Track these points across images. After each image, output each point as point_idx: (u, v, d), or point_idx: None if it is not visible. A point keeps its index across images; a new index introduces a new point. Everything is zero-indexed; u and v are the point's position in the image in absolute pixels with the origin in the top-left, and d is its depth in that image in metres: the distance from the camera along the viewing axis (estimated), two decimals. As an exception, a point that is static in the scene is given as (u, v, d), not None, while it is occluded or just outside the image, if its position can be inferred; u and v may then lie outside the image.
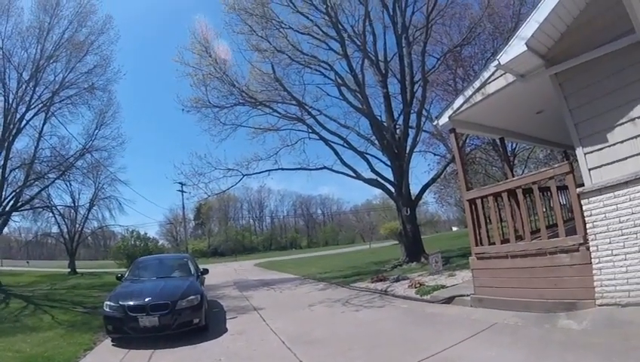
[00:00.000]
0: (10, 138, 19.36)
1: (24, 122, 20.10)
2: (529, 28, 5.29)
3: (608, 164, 5.02)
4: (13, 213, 22.59)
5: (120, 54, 35.92)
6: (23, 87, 19.39)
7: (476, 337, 5.11)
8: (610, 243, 4.91)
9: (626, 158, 4.83)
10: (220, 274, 23.01)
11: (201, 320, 7.28)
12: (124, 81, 27.32)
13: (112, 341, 7.02)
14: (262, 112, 17.82)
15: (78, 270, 30.89)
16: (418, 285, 9.24)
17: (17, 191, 21.02)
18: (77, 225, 33.63)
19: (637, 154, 4.74)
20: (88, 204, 33.44)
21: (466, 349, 4.71)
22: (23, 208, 23.09)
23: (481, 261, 6.95)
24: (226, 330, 7.51)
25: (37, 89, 19.86)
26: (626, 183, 4.75)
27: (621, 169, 4.87)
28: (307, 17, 15.93)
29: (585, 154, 5.28)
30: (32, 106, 20.04)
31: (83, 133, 24.78)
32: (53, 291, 15.98)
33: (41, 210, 28.95)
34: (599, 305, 5.00)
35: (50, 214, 31.59)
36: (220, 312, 9.54)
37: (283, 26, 16.01)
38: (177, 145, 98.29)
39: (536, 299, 5.77)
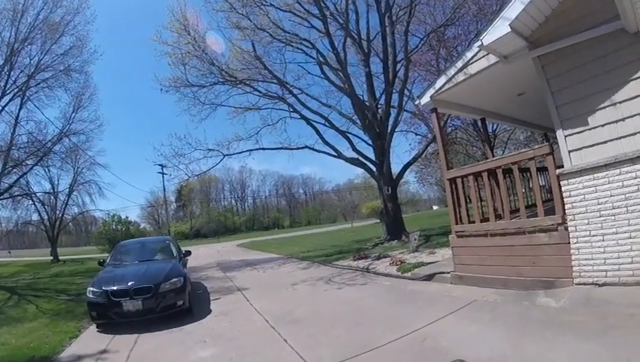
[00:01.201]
0: (-14, 125, 18.66)
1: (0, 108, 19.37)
2: (514, 9, 5.28)
3: (588, 146, 5.11)
4: (-7, 203, 22.03)
5: (96, 34, 34.55)
6: (-2, 71, 18.56)
7: (456, 314, 5.25)
8: (588, 223, 5.06)
9: (606, 142, 4.94)
10: (202, 255, 22.94)
11: (185, 302, 7.27)
12: (101, 61, 26.43)
13: (97, 327, 6.97)
14: (242, 91, 17.64)
15: (60, 257, 30.27)
16: (399, 263, 9.40)
17: (-5, 179, 20.39)
18: (57, 212, 32.77)
19: (617, 138, 4.85)
20: (68, 190, 32.71)
21: (447, 325, 4.83)
22: (2, 197, 22.57)
23: (461, 239, 7.08)
24: (210, 311, 7.53)
25: (12, 73, 19.10)
26: (606, 166, 4.86)
27: (601, 152, 4.97)
28: (289, -7, 15.55)
29: (565, 136, 5.37)
30: (8, 91, 19.27)
31: (60, 117, 24.26)
32: (36, 280, 15.71)
33: (20, 197, 28.37)
34: (577, 284, 5.17)
35: (30, 202, 30.94)
36: (204, 293, 9.55)
37: (264, 3, 15.60)
38: (157, 127, 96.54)
39: (515, 277, 5.92)
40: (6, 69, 18.71)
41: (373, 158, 16.64)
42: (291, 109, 17.08)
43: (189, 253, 10.21)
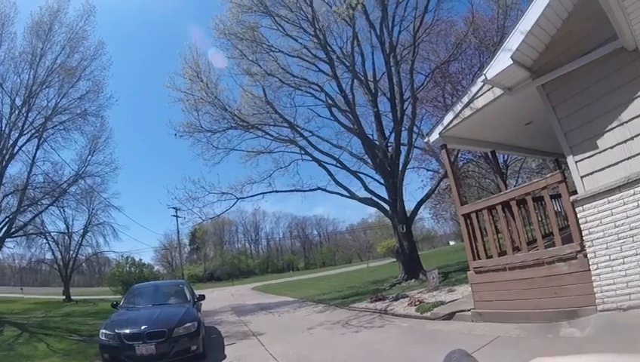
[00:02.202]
0: (3, 164, 19.15)
1: (17, 148, 19.94)
2: (514, 40, 5.38)
3: (600, 170, 5.06)
4: (7, 240, 22.14)
5: (112, 80, 36.09)
6: (16, 112, 19.31)
7: (479, 352, 5.02)
8: (607, 248, 4.92)
9: (617, 163, 4.88)
10: (216, 299, 22.66)
11: (199, 347, 7.17)
12: (117, 106, 27.35)
13: (108, 369, 6.85)
14: (254, 135, 17.90)
15: (72, 297, 30.11)
16: (418, 302, 9.14)
17: (10, 217, 20.72)
18: (71, 252, 32.99)
19: (627, 158, 4.80)
20: (82, 230, 32.96)
21: (470, 365, 4.61)
22: (16, 234, 22.77)
23: (480, 275, 6.91)
24: (224, 357, 7.36)
25: (30, 115, 19.80)
26: (619, 188, 4.78)
27: (613, 174, 4.90)
28: (296, 40, 16.20)
29: (576, 162, 5.33)
30: (25, 132, 19.92)
31: (76, 159, 24.73)
32: (47, 318, 15.62)
33: (34, 236, 28.49)
34: (601, 311, 4.97)
35: (44, 240, 31.10)
36: (218, 338, 9.36)
37: (273, 49, 16.25)
38: (171, 171, 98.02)
39: (537, 310, 5.72)
40: (24, 110, 19.40)
41: (386, 197, 16.56)
42: (303, 152, 17.29)
43: (203, 297, 10.10)
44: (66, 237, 32.27)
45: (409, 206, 17.93)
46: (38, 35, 19.57)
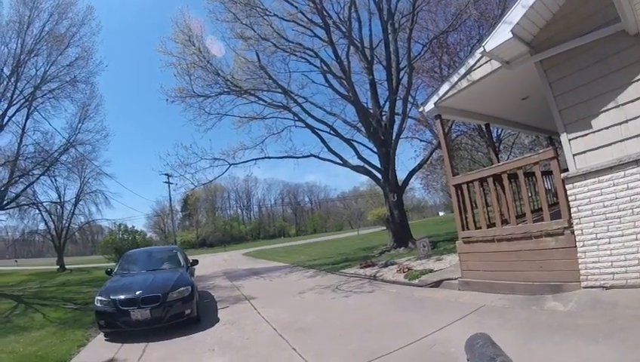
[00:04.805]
0: (-7, 135, 18.95)
1: (6, 118, 19.65)
2: (515, 14, 5.31)
3: (593, 149, 5.12)
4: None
5: (102, 45, 35.13)
6: (4, 82, 18.89)
7: (464, 319, 5.24)
8: (594, 226, 5.06)
9: (610, 144, 4.94)
10: (209, 264, 23.01)
11: (193, 311, 7.31)
12: (107, 72, 26.89)
13: (104, 336, 7.01)
14: (247, 101, 17.67)
15: (66, 266, 30.47)
16: (406, 270, 9.37)
17: (2, 188, 20.64)
18: (64, 221, 33.12)
19: (621, 140, 4.85)
20: (74, 199, 33.07)
21: (456, 331, 4.80)
22: (8, 206, 22.71)
23: (468, 245, 7.08)
24: (217, 320, 7.55)
25: (18, 84, 19.43)
26: (611, 168, 4.87)
27: (605, 154, 4.98)
28: (291, 4, 15.72)
29: (569, 140, 5.38)
30: (14, 102, 19.59)
31: (67, 128, 24.62)
32: (42, 289, 15.80)
33: (27, 207, 28.57)
34: (584, 287, 5.16)
35: (37, 211, 31.24)
36: (211, 302, 9.58)
37: (267, 13, 15.79)
38: (163, 137, 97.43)
39: (523, 282, 5.91)
40: (13, 80, 19.05)
41: (379, 166, 16.66)
42: (296, 118, 17.20)
43: (196, 262, 10.25)
44: (59, 207, 32.44)
45: (401, 175, 18.10)
46: (25, 2, 19.02)
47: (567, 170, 5.45)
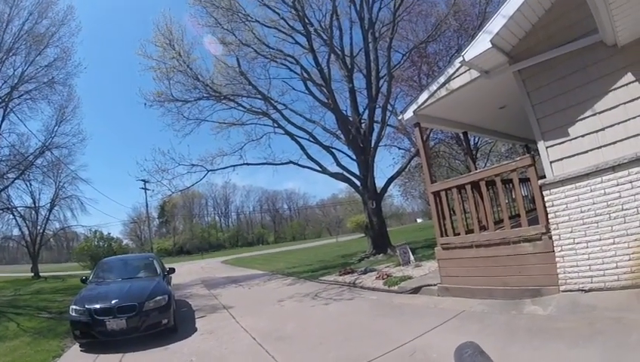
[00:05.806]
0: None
1: (-18, 119, 19.00)
2: (495, 24, 5.43)
3: (570, 156, 5.23)
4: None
5: (81, 47, 34.45)
6: (-20, 82, 18.28)
7: (444, 325, 5.24)
8: (572, 231, 5.15)
9: (587, 152, 5.06)
10: (186, 272, 22.55)
11: (170, 321, 7.13)
12: (85, 75, 26.42)
13: (80, 346, 6.77)
14: (226, 106, 17.58)
15: (41, 274, 29.20)
16: (386, 276, 9.38)
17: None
18: (38, 227, 31.88)
19: (597, 148, 4.98)
20: (49, 205, 31.86)
21: (436, 337, 4.81)
22: None
23: (447, 251, 7.12)
24: (195, 330, 7.37)
25: None
26: (588, 175, 4.98)
27: (582, 161, 5.09)
28: (274, 10, 15.70)
29: (547, 147, 5.49)
30: None
31: (43, 130, 24.11)
32: (17, 297, 15.15)
33: (1, 212, 27.76)
34: (563, 291, 5.23)
35: (11, 216, 30.21)
36: (189, 311, 9.36)
37: (249, 19, 15.71)
38: (140, 141, 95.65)
39: (502, 287, 5.97)
40: None
41: (358, 173, 16.73)
42: (275, 125, 17.11)
43: (172, 270, 10.01)
44: (33, 212, 31.30)
45: (379, 183, 18.23)
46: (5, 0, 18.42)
47: (544, 176, 5.55)
